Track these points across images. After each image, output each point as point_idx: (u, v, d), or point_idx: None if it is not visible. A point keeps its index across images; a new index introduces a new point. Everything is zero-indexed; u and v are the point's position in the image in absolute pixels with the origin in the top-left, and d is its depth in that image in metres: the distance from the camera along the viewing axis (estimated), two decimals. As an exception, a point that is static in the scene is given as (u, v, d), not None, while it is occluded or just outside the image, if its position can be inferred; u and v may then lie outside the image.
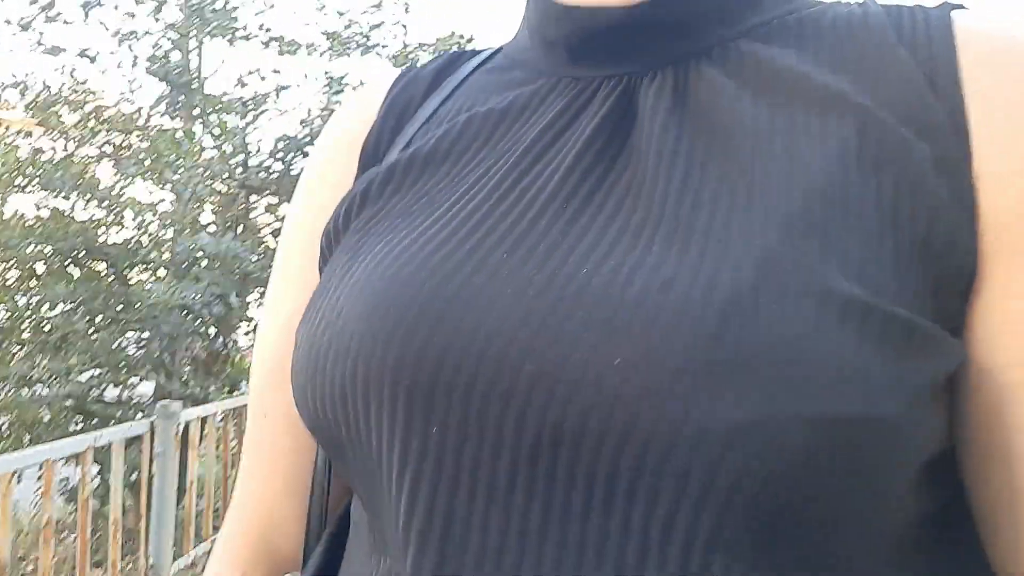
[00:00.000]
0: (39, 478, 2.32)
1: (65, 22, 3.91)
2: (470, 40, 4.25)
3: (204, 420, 2.86)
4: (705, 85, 0.41)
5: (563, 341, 0.32)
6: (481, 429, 0.33)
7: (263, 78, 4.12)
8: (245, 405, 2.21)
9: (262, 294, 3.35)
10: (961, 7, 0.42)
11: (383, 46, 4.23)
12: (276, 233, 3.98)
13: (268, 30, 4.12)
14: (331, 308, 0.39)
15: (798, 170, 0.36)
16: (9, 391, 3.13)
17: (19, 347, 3.44)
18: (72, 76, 3.94)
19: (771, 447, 0.30)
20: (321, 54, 4.20)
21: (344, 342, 0.36)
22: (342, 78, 4.17)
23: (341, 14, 4.18)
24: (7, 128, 3.78)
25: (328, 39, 4.15)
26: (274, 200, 4.11)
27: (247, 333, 3.92)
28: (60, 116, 3.83)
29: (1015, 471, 0.34)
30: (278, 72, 4.21)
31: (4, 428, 3.34)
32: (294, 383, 0.40)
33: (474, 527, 0.33)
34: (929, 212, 0.35)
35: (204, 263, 3.61)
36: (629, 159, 0.39)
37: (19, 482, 2.92)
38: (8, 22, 3.71)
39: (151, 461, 2.68)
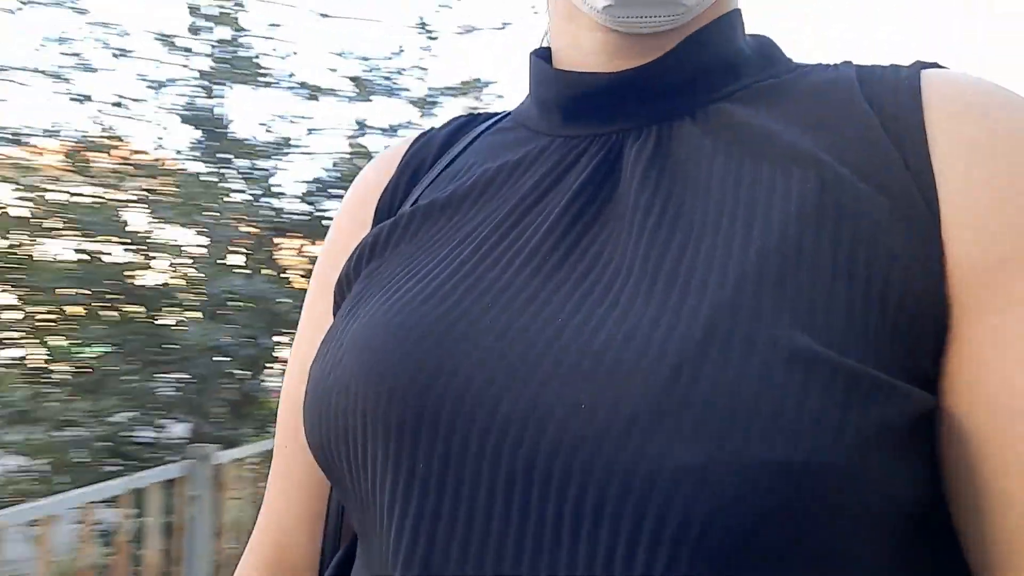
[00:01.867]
0: (79, 521, 2.35)
1: (97, 71, 4.01)
2: (490, 84, 4.35)
3: (237, 462, 2.91)
4: (684, 143, 0.43)
5: (534, 385, 0.35)
6: (461, 465, 0.36)
7: (292, 122, 4.22)
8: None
9: (290, 336, 3.38)
10: (935, 65, 0.43)
11: (406, 90, 4.32)
12: (305, 274, 4.04)
13: (293, 75, 4.22)
14: (336, 351, 0.42)
15: (759, 224, 0.38)
16: (46, 433, 3.18)
17: (55, 389, 3.50)
18: (105, 123, 4.04)
19: (715, 489, 0.31)
20: (350, 100, 4.30)
21: (345, 382, 0.40)
22: (365, 121, 4.26)
23: (365, 59, 4.28)
24: (43, 174, 3.87)
25: (352, 83, 4.25)
26: (302, 242, 4.19)
27: (275, 375, 3.97)
28: (93, 162, 3.93)
29: (994, 520, 0.34)
30: (304, 117, 4.29)
31: (42, 470, 3.39)
32: (304, 418, 0.44)
33: (452, 557, 0.35)
34: (887, 263, 0.36)
35: (235, 305, 3.68)
36: (611, 213, 0.42)
37: (59, 526, 2.97)
38: (43, 72, 3.81)
39: (186, 503, 2.71)
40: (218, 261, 3.87)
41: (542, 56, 0.52)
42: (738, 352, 0.33)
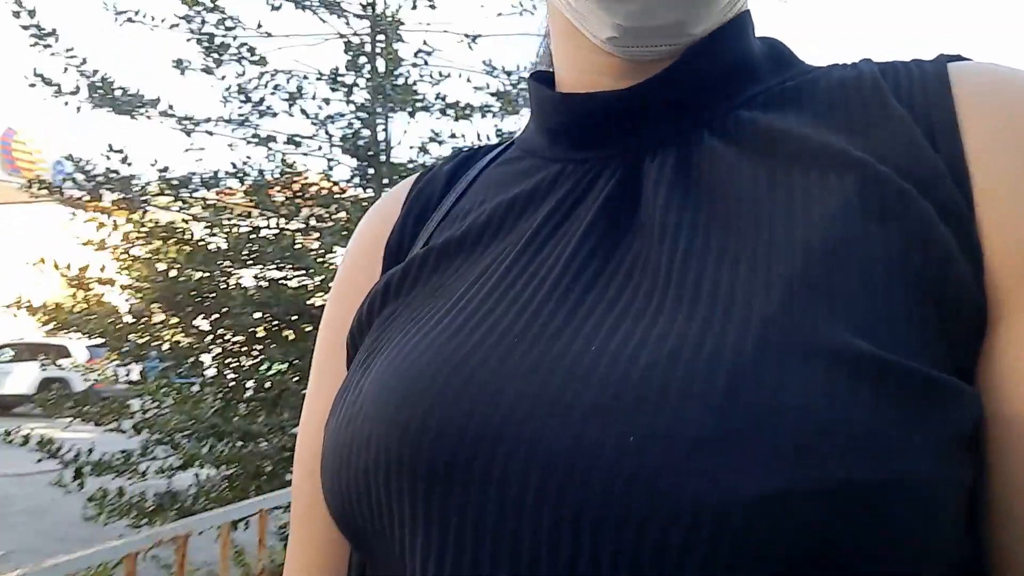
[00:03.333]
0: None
1: (273, 114, 4.41)
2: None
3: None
4: (706, 155, 0.40)
5: (575, 422, 0.31)
6: (500, 515, 0.32)
7: (441, 143, 4.39)
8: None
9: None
10: (959, 58, 0.41)
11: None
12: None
13: (444, 98, 4.39)
14: (353, 404, 0.39)
15: (800, 230, 0.35)
16: (234, 445, 3.50)
17: (243, 405, 3.85)
18: (282, 161, 4.42)
19: (799, 518, 0.28)
20: (493, 115, 4.41)
21: (364, 436, 0.37)
22: (514, 134, 4.34)
23: (508, 74, 4.37)
24: (232, 211, 4.30)
25: (498, 99, 4.35)
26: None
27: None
28: (272, 197, 4.31)
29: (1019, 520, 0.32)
30: (455, 136, 4.45)
31: (232, 479, 3.73)
32: (322, 477, 0.41)
33: None
34: (940, 262, 0.34)
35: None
36: (635, 236, 0.39)
37: (247, 528, 3.26)
38: (227, 121, 4.24)
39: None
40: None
41: (542, 79, 0.49)
42: (796, 364, 0.30)
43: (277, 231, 4.26)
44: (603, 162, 0.43)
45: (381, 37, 4.33)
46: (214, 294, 3.97)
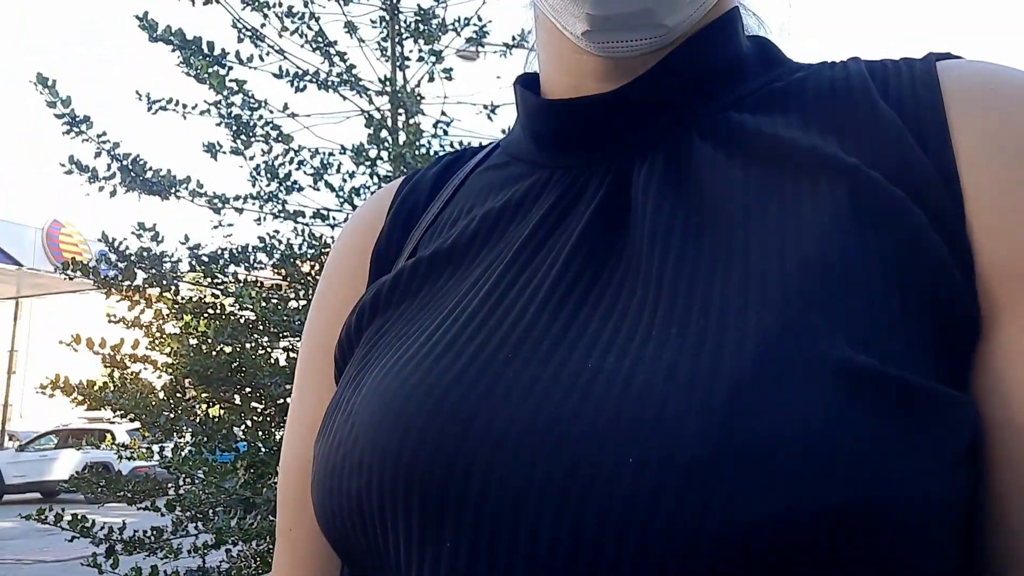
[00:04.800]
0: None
1: (299, 189, 4.52)
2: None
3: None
4: (695, 160, 0.40)
5: (570, 446, 0.31)
6: (493, 544, 0.31)
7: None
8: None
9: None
10: (948, 56, 0.40)
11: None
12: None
13: (466, 165, 4.48)
14: (344, 423, 0.39)
15: (793, 238, 0.34)
16: (264, 519, 3.46)
17: (273, 477, 3.82)
18: (309, 234, 4.51)
19: (797, 541, 0.28)
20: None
21: (357, 457, 0.36)
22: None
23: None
24: (260, 284, 4.37)
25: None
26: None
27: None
28: (301, 269, 4.38)
29: (1013, 533, 0.32)
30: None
31: (264, 555, 3.68)
32: (314, 499, 0.40)
33: None
34: (934, 271, 0.33)
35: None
36: (625, 245, 0.38)
37: None
38: (255, 197, 4.36)
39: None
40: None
41: (528, 84, 0.49)
42: (798, 382, 0.30)
43: (306, 303, 4.30)
44: (591, 167, 0.42)
45: (401, 111, 4.44)
46: (244, 367, 4.00)
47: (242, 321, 4.16)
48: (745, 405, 0.29)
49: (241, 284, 4.14)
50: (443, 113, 4.55)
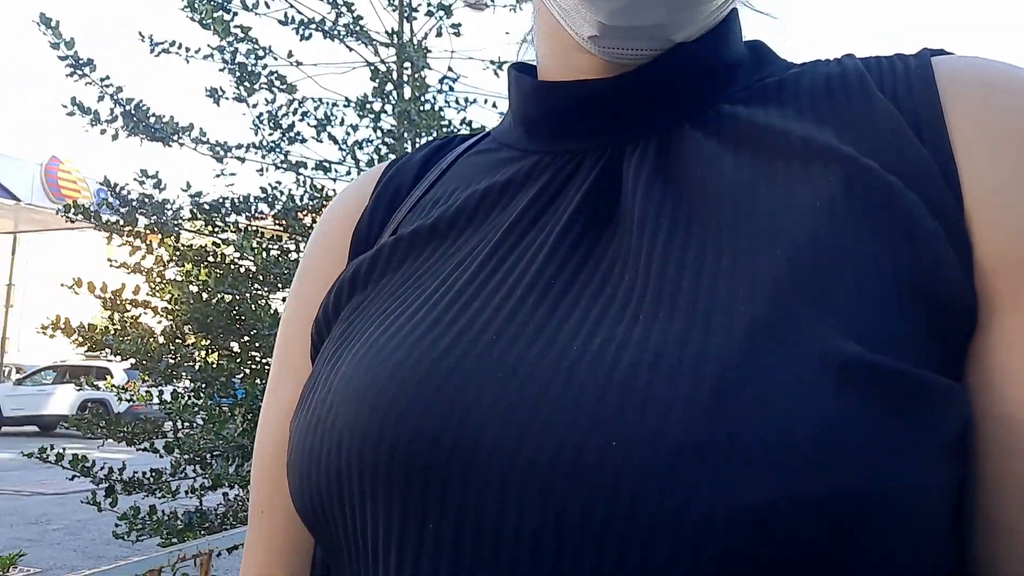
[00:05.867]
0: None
1: (302, 141, 4.50)
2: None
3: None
4: (687, 148, 0.40)
5: (555, 428, 0.31)
6: (477, 525, 0.31)
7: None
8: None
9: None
10: (942, 52, 0.40)
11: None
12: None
13: (470, 123, 4.45)
14: (321, 402, 0.38)
15: (784, 226, 0.34)
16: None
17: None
18: (311, 186, 4.50)
19: (781, 530, 0.28)
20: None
21: (336, 438, 0.36)
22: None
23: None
24: (261, 234, 4.38)
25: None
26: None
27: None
28: (302, 220, 4.39)
29: (1008, 528, 0.31)
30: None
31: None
32: (290, 480, 0.39)
33: None
34: (929, 256, 0.33)
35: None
36: (615, 229, 0.38)
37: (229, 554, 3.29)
38: (257, 147, 4.34)
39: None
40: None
41: (523, 70, 0.49)
42: (786, 369, 0.29)
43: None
44: (582, 153, 0.42)
45: (408, 64, 4.40)
46: (244, 316, 4.04)
47: (242, 271, 4.18)
48: (731, 393, 0.29)
49: (242, 233, 4.15)
50: (450, 69, 4.51)
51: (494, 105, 4.67)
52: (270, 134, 4.40)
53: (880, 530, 0.28)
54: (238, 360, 4.15)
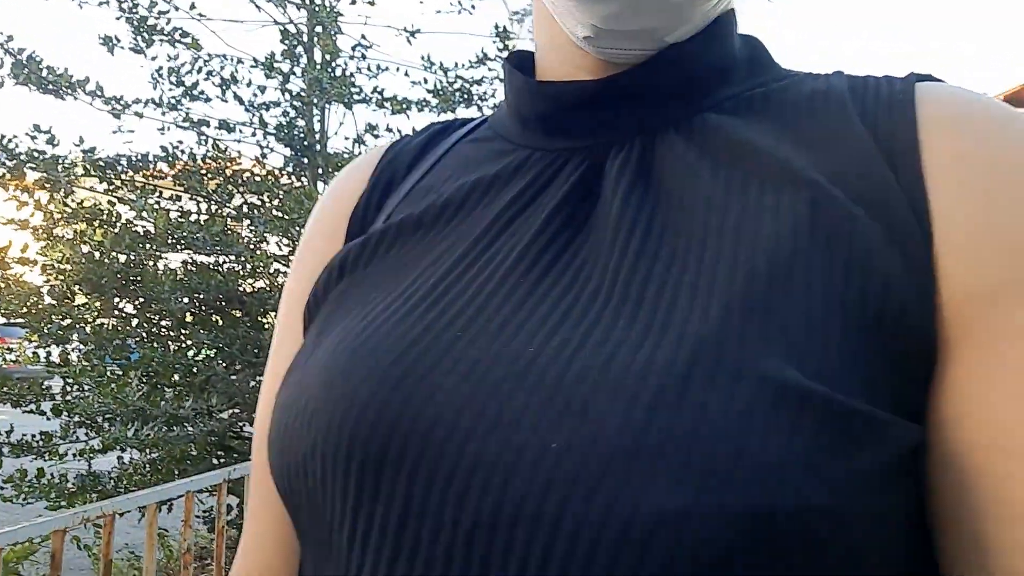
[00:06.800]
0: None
1: (206, 99, 4.37)
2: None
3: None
4: (669, 156, 0.41)
5: (505, 424, 0.32)
6: (423, 511, 0.33)
7: (376, 136, 4.44)
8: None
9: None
10: (929, 77, 0.41)
11: (483, 99, 4.46)
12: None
13: (381, 92, 4.44)
14: (298, 383, 0.40)
15: (747, 248, 0.35)
16: (160, 429, 3.50)
17: (170, 389, 3.84)
18: (214, 146, 4.39)
19: (696, 539, 0.29)
20: (430, 110, 4.48)
21: (306, 418, 0.37)
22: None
23: (446, 71, 4.45)
24: (160, 194, 4.26)
25: (435, 95, 4.43)
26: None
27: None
28: (204, 181, 4.29)
29: (982, 556, 0.32)
30: (391, 130, 4.51)
31: (156, 463, 3.73)
32: (268, 453, 0.41)
33: None
34: (881, 289, 0.34)
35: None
36: (590, 231, 0.39)
37: (170, 511, 3.28)
38: (157, 103, 4.19)
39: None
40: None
41: (521, 63, 0.50)
42: (722, 388, 0.31)
43: (208, 216, 4.24)
44: (569, 152, 0.43)
45: (319, 28, 4.34)
46: (140, 278, 3.94)
47: (141, 232, 4.06)
48: (667, 402, 0.30)
49: (139, 191, 4.02)
50: (363, 36, 4.48)
51: (406, 74, 4.68)
52: (170, 90, 4.26)
53: (793, 547, 0.29)
54: (134, 323, 4.05)
